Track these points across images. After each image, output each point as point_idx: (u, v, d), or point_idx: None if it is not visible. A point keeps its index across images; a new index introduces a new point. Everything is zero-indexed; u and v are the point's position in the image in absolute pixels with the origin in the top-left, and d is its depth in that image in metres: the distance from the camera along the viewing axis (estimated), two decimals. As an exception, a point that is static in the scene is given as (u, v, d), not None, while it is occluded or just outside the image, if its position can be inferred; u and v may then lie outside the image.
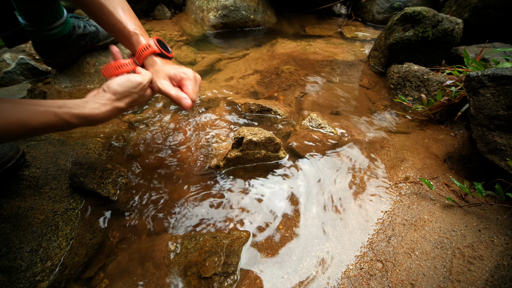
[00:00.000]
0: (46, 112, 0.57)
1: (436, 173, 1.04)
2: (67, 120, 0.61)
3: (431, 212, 0.90)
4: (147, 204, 0.94)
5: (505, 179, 0.88)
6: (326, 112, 1.37)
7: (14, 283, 0.67)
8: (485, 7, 1.70)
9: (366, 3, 2.50)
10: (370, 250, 0.81)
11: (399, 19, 1.52)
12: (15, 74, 1.51)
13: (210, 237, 0.83)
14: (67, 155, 0.98)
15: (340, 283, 0.74)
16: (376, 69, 1.70)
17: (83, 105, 0.64)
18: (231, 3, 2.21)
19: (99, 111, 0.66)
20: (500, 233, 0.81)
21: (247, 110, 1.29)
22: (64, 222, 0.81)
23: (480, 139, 0.96)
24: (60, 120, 0.59)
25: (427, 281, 0.72)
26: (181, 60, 1.83)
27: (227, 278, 0.74)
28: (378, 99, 1.48)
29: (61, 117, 0.59)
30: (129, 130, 1.20)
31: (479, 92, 0.96)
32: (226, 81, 1.61)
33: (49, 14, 1.12)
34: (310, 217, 0.90)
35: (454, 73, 1.26)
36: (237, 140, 1.00)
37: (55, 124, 0.59)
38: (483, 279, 0.71)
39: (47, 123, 0.58)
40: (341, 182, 1.01)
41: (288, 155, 1.10)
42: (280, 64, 1.73)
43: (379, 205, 0.93)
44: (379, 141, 1.20)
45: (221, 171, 1.04)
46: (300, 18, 2.58)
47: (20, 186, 0.84)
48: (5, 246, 0.70)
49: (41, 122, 0.57)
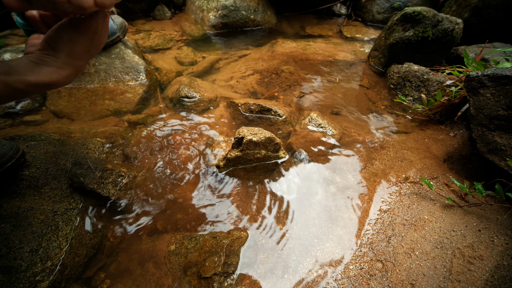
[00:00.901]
0: None
1: (436, 173, 1.04)
2: (21, 90, 0.52)
3: (431, 212, 0.90)
4: (147, 204, 0.94)
5: (505, 179, 0.88)
6: (326, 112, 1.37)
7: (14, 283, 0.67)
8: (485, 7, 1.70)
9: (366, 3, 2.50)
10: (370, 250, 0.81)
11: (399, 19, 1.52)
12: (15, 74, 1.51)
13: (210, 237, 0.83)
14: (67, 155, 0.97)
15: (340, 283, 0.74)
16: (376, 69, 1.70)
17: (37, 70, 0.54)
18: (231, 3, 2.21)
19: (58, 76, 0.55)
20: (500, 233, 0.81)
21: (247, 110, 1.29)
22: (64, 222, 0.81)
23: (480, 139, 0.96)
24: (13, 90, 0.51)
25: (427, 281, 0.72)
26: (181, 60, 1.83)
27: (227, 278, 0.74)
28: (378, 99, 1.48)
29: (14, 87, 0.51)
30: (129, 130, 1.20)
31: (479, 92, 0.96)
32: (226, 81, 1.61)
33: None
34: (310, 217, 0.90)
35: (454, 73, 1.26)
36: (237, 140, 0.99)
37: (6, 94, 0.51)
38: (483, 279, 0.71)
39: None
40: (340, 182, 1.01)
41: (288, 155, 1.10)
42: (280, 64, 1.73)
43: (379, 205, 0.93)
44: (379, 141, 1.20)
45: (221, 171, 1.04)
46: (300, 18, 2.58)
47: (20, 186, 0.84)
48: (5, 246, 0.70)
49: None
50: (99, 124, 1.23)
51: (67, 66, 0.57)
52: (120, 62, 1.45)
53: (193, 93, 1.36)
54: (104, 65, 1.42)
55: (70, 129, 1.15)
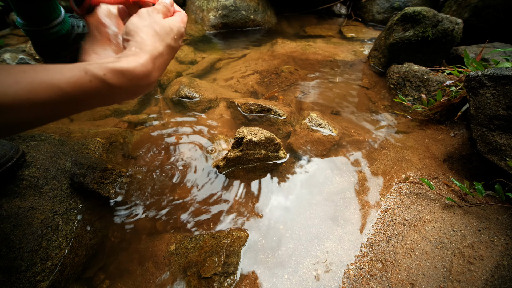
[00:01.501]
0: (74, 69, 0.45)
1: (436, 173, 1.04)
2: (101, 78, 0.47)
3: (431, 212, 0.90)
4: (147, 204, 0.94)
5: (505, 179, 0.88)
6: (326, 112, 1.37)
7: (14, 283, 0.67)
8: (485, 7, 1.70)
9: (366, 3, 2.50)
10: (370, 250, 0.81)
11: (399, 19, 1.53)
12: (15, 74, 1.51)
13: (210, 237, 0.83)
14: (67, 155, 0.97)
15: (340, 283, 0.74)
16: (376, 69, 1.70)
17: (116, 60, 0.50)
18: (231, 3, 2.21)
19: (136, 63, 0.50)
20: (500, 233, 0.81)
21: (247, 110, 1.29)
22: (64, 222, 0.81)
23: (480, 139, 0.96)
24: (94, 79, 0.46)
25: (427, 281, 0.72)
26: (181, 60, 1.83)
27: (227, 278, 0.74)
28: (378, 99, 1.48)
29: (94, 74, 0.46)
30: (129, 130, 1.20)
31: (479, 92, 0.96)
32: (226, 81, 1.61)
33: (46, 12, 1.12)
34: (310, 217, 0.90)
35: (454, 73, 1.26)
36: (237, 140, 1.00)
37: (88, 85, 0.46)
38: (483, 279, 0.71)
39: (78, 82, 0.44)
40: (341, 182, 1.01)
41: (288, 155, 1.10)
42: (280, 64, 1.73)
43: (379, 205, 0.93)
44: (379, 141, 1.20)
45: (221, 171, 1.04)
46: (300, 18, 2.58)
47: (20, 186, 0.84)
48: (5, 246, 0.70)
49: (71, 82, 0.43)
50: (99, 124, 1.23)
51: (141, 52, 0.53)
52: (120, 62, 1.45)
53: (193, 93, 1.36)
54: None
55: (70, 129, 1.15)
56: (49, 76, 0.41)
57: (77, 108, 0.47)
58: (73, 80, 0.44)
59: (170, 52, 0.59)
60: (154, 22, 0.57)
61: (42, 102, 0.41)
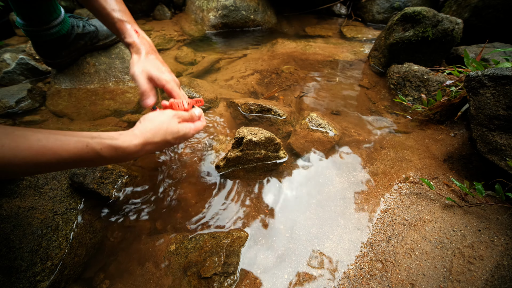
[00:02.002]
0: (79, 142, 0.54)
1: (436, 173, 1.04)
2: (98, 151, 0.56)
3: (431, 212, 0.90)
4: (147, 204, 0.94)
5: (505, 179, 0.88)
6: (326, 112, 1.37)
7: (14, 283, 0.67)
8: (485, 7, 1.70)
9: (366, 3, 2.50)
10: (370, 250, 0.81)
11: (399, 19, 1.52)
12: (15, 74, 1.51)
13: (210, 237, 0.83)
14: (67, 155, 0.97)
15: (340, 283, 0.74)
16: (376, 69, 1.70)
17: (117, 137, 0.60)
18: (231, 3, 2.21)
19: (129, 143, 0.61)
20: (500, 233, 0.81)
21: (247, 110, 1.29)
22: (64, 222, 0.81)
23: (480, 139, 0.96)
24: (91, 151, 0.55)
25: (427, 281, 0.72)
26: (181, 60, 1.83)
27: (227, 278, 0.74)
28: (378, 99, 1.48)
29: (92, 148, 0.55)
30: (129, 130, 1.20)
31: (479, 92, 0.96)
32: (226, 81, 1.61)
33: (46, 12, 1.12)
34: (310, 217, 0.90)
35: (454, 73, 1.26)
36: (237, 140, 1.00)
37: (85, 156, 0.55)
38: (483, 279, 0.71)
39: (77, 154, 0.54)
40: (341, 182, 1.01)
41: (288, 155, 1.10)
42: (280, 64, 1.73)
43: (379, 205, 0.93)
44: (379, 141, 1.20)
45: (221, 171, 1.04)
46: (300, 18, 2.58)
47: (20, 186, 0.84)
48: (5, 246, 0.70)
49: (72, 153, 0.53)
50: (99, 124, 1.23)
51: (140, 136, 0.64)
52: (120, 62, 1.45)
53: (193, 93, 1.36)
54: (104, 65, 1.42)
55: (70, 129, 1.15)
56: (56, 145, 0.51)
57: (64, 168, 0.55)
58: (74, 151, 0.53)
59: (165, 145, 0.70)
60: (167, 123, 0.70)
61: (41, 164, 0.49)
